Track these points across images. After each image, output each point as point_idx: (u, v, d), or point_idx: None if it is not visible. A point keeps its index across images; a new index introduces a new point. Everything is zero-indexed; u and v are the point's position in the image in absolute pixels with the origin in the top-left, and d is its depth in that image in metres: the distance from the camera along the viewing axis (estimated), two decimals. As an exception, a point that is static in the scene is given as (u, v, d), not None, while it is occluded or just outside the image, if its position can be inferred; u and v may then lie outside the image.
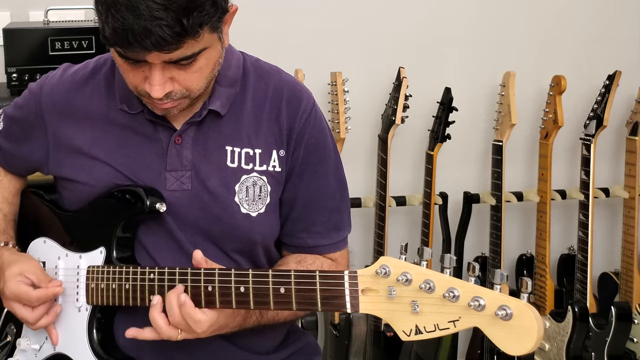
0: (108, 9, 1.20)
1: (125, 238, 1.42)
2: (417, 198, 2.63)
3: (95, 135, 1.44)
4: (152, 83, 1.27)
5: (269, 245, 1.48)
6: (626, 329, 2.55)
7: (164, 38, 1.19)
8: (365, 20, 2.64)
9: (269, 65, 1.52)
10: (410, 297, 1.08)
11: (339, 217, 1.52)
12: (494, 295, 1.04)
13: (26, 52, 2.11)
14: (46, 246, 1.51)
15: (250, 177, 1.42)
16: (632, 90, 2.73)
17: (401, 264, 1.10)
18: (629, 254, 2.71)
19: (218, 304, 1.27)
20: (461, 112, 2.54)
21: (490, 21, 2.74)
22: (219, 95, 1.41)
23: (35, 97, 1.49)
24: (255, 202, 1.42)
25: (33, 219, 1.58)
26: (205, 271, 1.28)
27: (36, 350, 1.48)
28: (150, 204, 1.38)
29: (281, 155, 1.44)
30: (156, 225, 1.42)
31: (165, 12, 1.18)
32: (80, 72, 1.49)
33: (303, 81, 2.43)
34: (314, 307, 1.19)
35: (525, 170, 2.83)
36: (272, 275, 1.22)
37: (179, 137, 1.41)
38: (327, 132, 1.50)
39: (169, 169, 1.41)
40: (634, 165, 2.69)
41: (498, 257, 2.58)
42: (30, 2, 2.36)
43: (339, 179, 1.53)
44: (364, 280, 1.13)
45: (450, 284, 1.06)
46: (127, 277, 1.36)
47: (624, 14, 2.85)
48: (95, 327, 1.42)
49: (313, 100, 1.49)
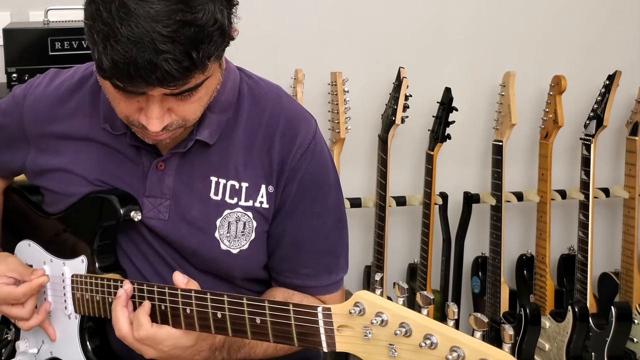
0: (106, 39, 1.08)
1: (105, 245, 1.37)
2: (417, 198, 2.63)
3: (76, 151, 1.38)
4: (150, 116, 1.17)
5: (252, 275, 1.40)
6: (626, 329, 2.55)
7: (170, 73, 1.08)
8: (365, 20, 2.64)
9: (269, 87, 1.40)
10: (387, 340, 1.00)
11: (333, 259, 1.40)
12: (474, 346, 0.94)
13: (26, 52, 2.11)
14: (31, 249, 1.48)
15: (233, 213, 1.33)
16: (632, 90, 2.73)
17: (376, 302, 1.02)
18: (629, 254, 2.71)
19: (198, 327, 1.19)
20: (461, 112, 2.54)
21: (490, 21, 2.74)
22: (209, 123, 1.31)
23: (18, 107, 1.43)
24: (237, 239, 1.33)
25: (17, 220, 1.55)
26: (182, 292, 1.20)
27: (35, 354, 1.48)
28: (124, 213, 1.32)
29: (270, 191, 1.33)
30: (136, 235, 1.36)
31: (172, 45, 1.07)
32: (65, 83, 1.41)
33: (303, 81, 2.43)
34: (290, 342, 1.10)
35: (525, 170, 2.83)
36: (246, 304, 1.14)
37: (162, 164, 1.33)
38: (329, 167, 1.38)
39: (147, 194, 1.34)
40: (634, 165, 2.69)
41: (498, 257, 2.57)
42: (30, 2, 2.36)
43: (338, 218, 1.40)
44: (338, 319, 1.05)
45: (427, 330, 0.97)
46: (109, 291, 1.31)
47: (624, 14, 2.85)
48: (88, 335, 1.39)
49: (314, 132, 1.36)
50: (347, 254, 1.44)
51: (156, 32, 1.06)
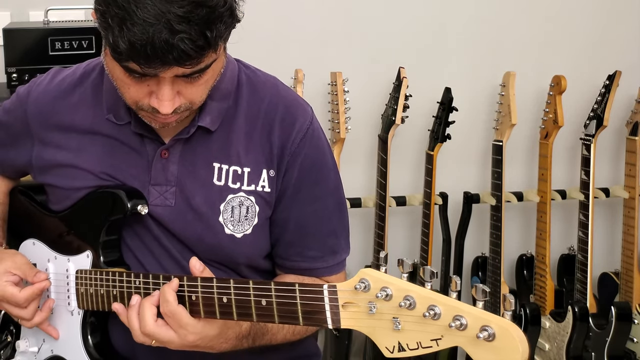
0: (122, 22, 1.11)
1: (110, 240, 1.39)
2: (417, 198, 2.63)
3: (80, 145, 1.40)
4: (161, 98, 1.21)
5: (254, 263, 1.43)
6: (626, 329, 2.55)
7: (186, 52, 1.12)
8: (365, 20, 2.64)
9: (266, 77, 1.44)
10: (391, 314, 1.03)
11: (336, 240, 1.45)
12: (476, 314, 0.98)
13: (26, 52, 2.11)
14: (35, 248, 1.49)
15: (236, 197, 1.36)
16: (632, 90, 2.73)
17: (380, 277, 1.05)
18: (629, 254, 2.71)
19: (202, 313, 1.22)
20: (461, 112, 2.54)
21: (490, 21, 2.74)
22: (210, 110, 1.35)
23: (22, 104, 1.46)
24: (241, 223, 1.37)
25: (22, 219, 1.56)
26: (188, 280, 1.23)
27: (35, 353, 1.48)
28: (131, 207, 1.34)
29: (271, 175, 1.37)
30: (141, 229, 1.39)
31: (187, 25, 1.11)
32: (67, 79, 1.45)
33: (303, 81, 2.43)
34: (295, 322, 1.13)
35: (525, 170, 2.83)
36: (252, 287, 1.17)
37: (166, 151, 1.36)
38: (326, 151, 1.43)
39: (153, 183, 1.37)
40: (634, 165, 2.69)
41: (498, 257, 2.58)
42: (30, 2, 2.36)
43: (338, 201, 1.45)
44: (343, 295, 1.08)
45: (430, 301, 1.01)
46: (114, 284, 1.33)
47: (624, 14, 2.85)
48: (90, 330, 1.41)
49: (311, 118, 1.41)
50: (348, 235, 1.48)
51: (171, 13, 1.10)
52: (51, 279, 1.44)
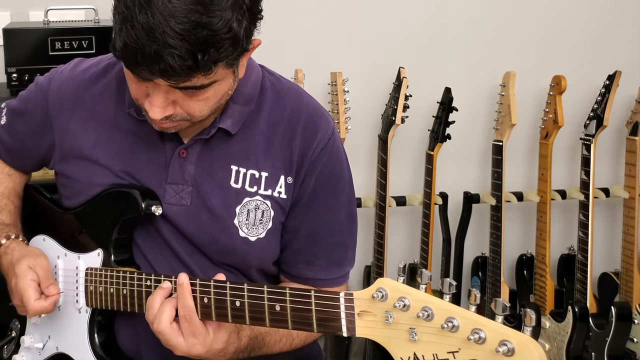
0: (124, 21, 1.13)
1: (122, 239, 1.40)
2: (417, 198, 2.63)
3: (100, 137, 1.40)
4: (152, 103, 1.21)
5: (265, 267, 1.43)
6: (626, 329, 2.55)
7: (173, 68, 1.12)
8: (365, 20, 2.64)
9: (290, 85, 1.44)
10: (407, 324, 1.03)
11: (343, 253, 1.45)
12: (496, 328, 0.97)
13: (26, 52, 2.11)
14: (45, 244, 1.50)
15: (252, 201, 1.36)
16: (632, 90, 2.73)
17: (398, 287, 1.05)
18: (629, 254, 2.71)
19: (214, 316, 1.22)
20: (461, 112, 2.54)
21: (490, 21, 2.74)
22: (232, 113, 1.35)
23: (42, 92, 1.45)
24: (255, 227, 1.37)
25: (33, 215, 1.57)
26: (200, 282, 1.23)
27: (40, 349, 1.48)
28: (145, 207, 1.35)
29: (289, 182, 1.37)
30: (153, 230, 1.39)
31: (180, 42, 1.10)
32: (91, 69, 1.44)
33: (303, 81, 2.43)
34: (309, 328, 1.13)
35: (525, 170, 2.83)
36: (267, 291, 1.17)
37: (184, 151, 1.36)
38: (344, 164, 1.44)
39: (170, 181, 1.37)
40: (634, 165, 2.69)
41: (498, 257, 2.58)
42: (30, 2, 2.36)
43: (350, 213, 1.45)
44: (360, 304, 1.08)
45: (449, 313, 1.00)
46: (124, 283, 1.33)
47: (624, 14, 2.85)
48: (97, 329, 1.41)
49: (333, 129, 1.41)
50: (355, 249, 1.48)
51: (169, 27, 1.10)
52: (61, 278, 1.44)
